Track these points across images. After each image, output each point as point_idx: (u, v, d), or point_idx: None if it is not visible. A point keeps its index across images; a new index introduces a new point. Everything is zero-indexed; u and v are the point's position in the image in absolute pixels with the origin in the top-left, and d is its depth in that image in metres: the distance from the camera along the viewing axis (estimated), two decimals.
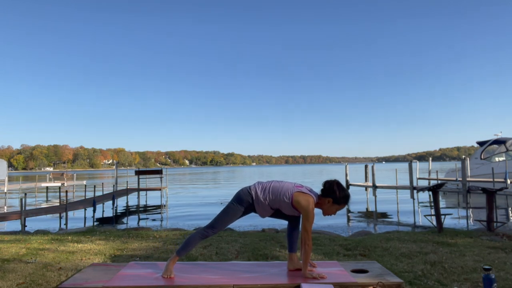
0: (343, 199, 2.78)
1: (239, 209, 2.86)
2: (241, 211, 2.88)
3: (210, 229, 2.88)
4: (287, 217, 3.04)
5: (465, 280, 3.05)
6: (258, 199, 2.84)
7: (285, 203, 2.79)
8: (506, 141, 18.80)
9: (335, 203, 2.78)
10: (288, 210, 2.84)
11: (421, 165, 30.38)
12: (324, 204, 2.81)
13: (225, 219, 2.87)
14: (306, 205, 2.71)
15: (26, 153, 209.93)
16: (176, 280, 2.75)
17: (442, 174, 23.55)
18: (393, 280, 2.71)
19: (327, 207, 2.81)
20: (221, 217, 2.88)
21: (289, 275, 2.87)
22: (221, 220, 2.88)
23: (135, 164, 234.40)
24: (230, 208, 2.88)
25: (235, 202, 2.88)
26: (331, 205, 2.79)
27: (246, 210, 2.89)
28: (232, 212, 2.87)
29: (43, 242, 5.05)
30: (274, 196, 2.82)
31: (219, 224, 2.88)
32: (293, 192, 2.78)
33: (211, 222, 2.91)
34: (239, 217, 2.91)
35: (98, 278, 2.82)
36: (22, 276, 3.26)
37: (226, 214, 2.87)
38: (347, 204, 2.85)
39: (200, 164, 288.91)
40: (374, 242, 4.79)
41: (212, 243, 4.75)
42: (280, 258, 3.89)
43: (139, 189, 17.66)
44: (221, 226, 2.88)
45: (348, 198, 2.82)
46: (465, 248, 4.34)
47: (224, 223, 2.88)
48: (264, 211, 2.90)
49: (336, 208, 2.81)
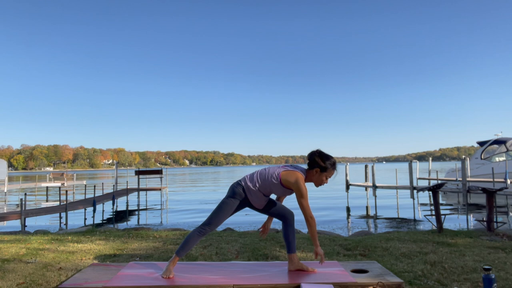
0: (328, 165, 2.83)
1: (233, 203, 2.89)
2: (235, 205, 2.90)
3: (206, 226, 2.89)
4: (279, 215, 3.04)
5: (465, 280, 3.05)
6: (248, 188, 2.88)
7: (275, 184, 2.82)
8: (506, 141, 18.79)
9: (322, 171, 2.83)
10: (280, 191, 2.86)
11: (421, 165, 30.39)
12: (313, 176, 2.85)
13: (220, 215, 2.88)
14: (295, 181, 2.75)
15: (26, 153, 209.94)
16: (176, 280, 2.75)
17: (442, 174, 23.56)
18: (393, 280, 2.71)
19: (316, 177, 2.85)
20: (216, 213, 2.90)
21: (289, 275, 2.87)
22: (216, 216, 2.89)
23: (135, 164, 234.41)
24: (225, 203, 2.90)
25: (228, 197, 2.91)
26: (319, 175, 2.84)
27: (240, 203, 2.91)
28: (227, 207, 2.88)
29: (43, 242, 5.05)
30: (262, 181, 2.86)
31: (215, 220, 2.89)
32: (280, 172, 2.84)
33: (207, 219, 2.92)
34: (234, 211, 2.93)
35: (98, 278, 2.82)
36: (22, 276, 3.25)
37: (221, 210, 2.89)
38: (335, 170, 2.88)
39: (200, 164, 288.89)
40: (374, 242, 4.79)
41: (212, 243, 4.75)
42: (280, 258, 3.89)
43: (139, 189, 17.66)
44: (217, 222, 2.89)
45: (334, 163, 2.86)
46: (465, 248, 4.34)
47: (220, 218, 2.89)
48: (257, 199, 2.91)
49: (325, 176, 2.84)
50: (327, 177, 2.86)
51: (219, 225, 2.93)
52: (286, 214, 3.06)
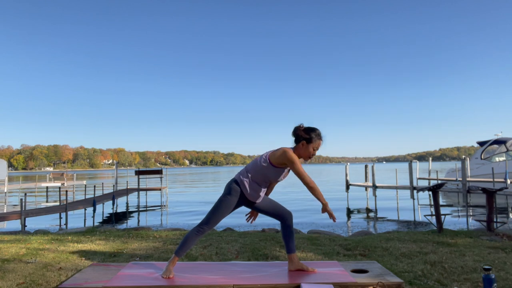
0: (314, 136, 2.84)
1: (229, 200, 2.87)
2: (232, 203, 2.88)
3: (204, 225, 2.89)
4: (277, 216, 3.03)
5: (465, 280, 3.05)
6: (242, 181, 2.88)
7: (266, 167, 2.83)
8: (506, 141, 18.79)
9: (309, 143, 2.84)
10: (273, 173, 2.85)
11: (421, 165, 30.39)
12: (300, 150, 2.86)
13: (217, 213, 2.88)
14: (282, 151, 2.78)
15: (26, 153, 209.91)
16: (176, 280, 2.75)
17: (442, 174, 23.55)
18: (393, 280, 2.71)
19: (303, 150, 2.86)
20: (213, 212, 2.89)
21: (289, 275, 2.86)
22: (214, 214, 2.88)
23: (135, 164, 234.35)
24: (221, 201, 2.89)
25: (224, 195, 2.91)
26: (306, 147, 2.85)
27: (237, 201, 2.90)
28: (224, 205, 2.87)
29: (43, 242, 5.05)
30: (254, 170, 2.87)
31: (213, 219, 2.88)
32: (268, 154, 2.87)
33: (205, 218, 2.91)
34: (232, 209, 2.91)
35: (98, 278, 2.82)
36: (22, 276, 3.25)
37: (218, 208, 2.88)
38: (321, 140, 2.89)
39: (200, 164, 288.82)
40: (374, 242, 4.79)
41: (212, 243, 4.75)
42: (280, 258, 3.89)
43: (139, 189, 17.65)
44: (215, 221, 2.89)
45: (319, 134, 2.87)
46: (465, 248, 4.34)
47: (218, 217, 2.88)
48: (253, 191, 2.89)
49: (312, 147, 2.85)
50: (314, 148, 2.86)
51: (216, 224, 2.92)
52: (285, 215, 3.04)
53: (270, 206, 3.05)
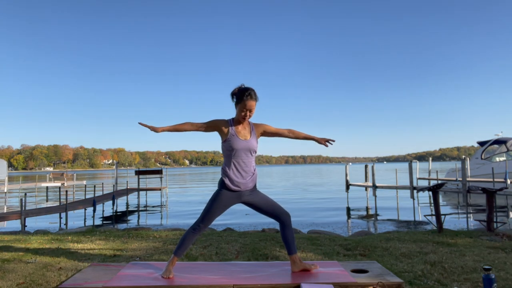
0: (238, 95, 2.85)
1: (221, 196, 2.86)
2: (224, 199, 2.86)
3: (200, 223, 2.89)
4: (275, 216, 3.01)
5: (465, 280, 3.05)
6: (223, 173, 2.90)
7: (222, 147, 2.91)
8: (506, 141, 18.79)
9: (237, 103, 2.87)
10: (228, 150, 2.87)
11: (421, 165, 30.35)
12: (237, 114, 2.91)
13: (211, 211, 2.87)
14: (218, 120, 2.92)
15: (26, 153, 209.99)
16: (176, 280, 2.75)
17: (442, 174, 23.55)
18: (393, 280, 2.71)
19: (237, 113, 2.90)
20: (207, 210, 2.88)
21: (289, 275, 2.86)
22: (208, 212, 2.87)
23: (135, 164, 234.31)
24: (214, 198, 2.89)
25: (216, 192, 2.93)
26: (237, 108, 2.89)
27: (229, 197, 2.87)
28: (216, 202, 2.87)
29: (43, 242, 5.05)
30: (223, 157, 2.95)
31: (208, 217, 2.87)
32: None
33: (200, 216, 2.91)
34: (224, 204, 2.88)
35: (98, 278, 2.82)
36: (22, 276, 3.25)
37: (211, 206, 2.88)
38: (251, 99, 2.81)
39: (200, 164, 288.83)
40: (374, 242, 4.79)
41: (212, 243, 4.75)
42: (280, 258, 3.88)
43: (139, 189, 17.65)
44: (210, 218, 2.88)
45: (243, 91, 2.82)
46: (465, 248, 4.33)
47: (212, 214, 2.87)
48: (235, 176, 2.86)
49: (240, 107, 2.84)
50: (244, 107, 2.81)
51: (212, 221, 2.90)
52: (282, 215, 2.99)
53: (267, 205, 2.99)
